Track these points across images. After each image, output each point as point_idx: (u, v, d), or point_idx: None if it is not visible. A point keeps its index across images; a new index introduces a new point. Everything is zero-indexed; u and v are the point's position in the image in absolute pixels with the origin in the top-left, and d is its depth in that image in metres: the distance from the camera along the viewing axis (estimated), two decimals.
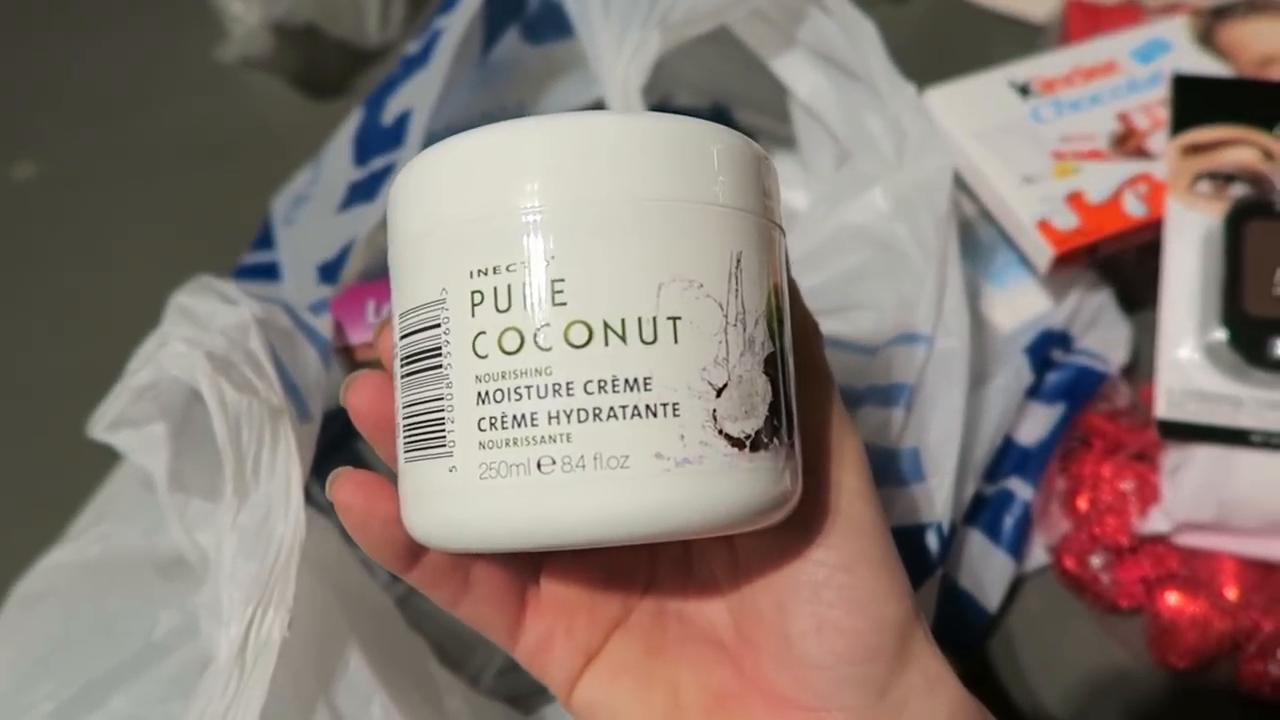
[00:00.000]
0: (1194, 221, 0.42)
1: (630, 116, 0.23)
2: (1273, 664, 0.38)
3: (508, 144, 0.22)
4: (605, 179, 0.22)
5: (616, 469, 0.21)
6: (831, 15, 0.42)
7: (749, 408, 0.22)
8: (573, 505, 0.21)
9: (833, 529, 0.25)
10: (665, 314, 0.21)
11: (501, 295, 0.22)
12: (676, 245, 0.22)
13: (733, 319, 0.22)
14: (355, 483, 0.25)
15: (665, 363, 0.21)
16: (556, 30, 0.47)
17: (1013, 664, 0.41)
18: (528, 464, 0.21)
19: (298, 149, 0.51)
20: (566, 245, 0.21)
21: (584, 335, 0.21)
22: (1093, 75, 0.48)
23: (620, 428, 0.21)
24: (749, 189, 0.23)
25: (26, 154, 0.58)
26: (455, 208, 0.22)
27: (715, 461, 0.22)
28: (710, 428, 0.21)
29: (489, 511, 0.22)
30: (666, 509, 0.21)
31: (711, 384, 0.22)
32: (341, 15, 0.57)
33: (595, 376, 0.21)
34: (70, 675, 0.34)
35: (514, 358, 0.21)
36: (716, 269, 0.22)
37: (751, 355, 0.22)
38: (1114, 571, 0.40)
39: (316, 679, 0.31)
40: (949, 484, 0.38)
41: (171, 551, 0.35)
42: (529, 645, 0.28)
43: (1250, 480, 0.39)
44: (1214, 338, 0.40)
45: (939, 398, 0.39)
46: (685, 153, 0.22)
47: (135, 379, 0.33)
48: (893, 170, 0.42)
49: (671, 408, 0.21)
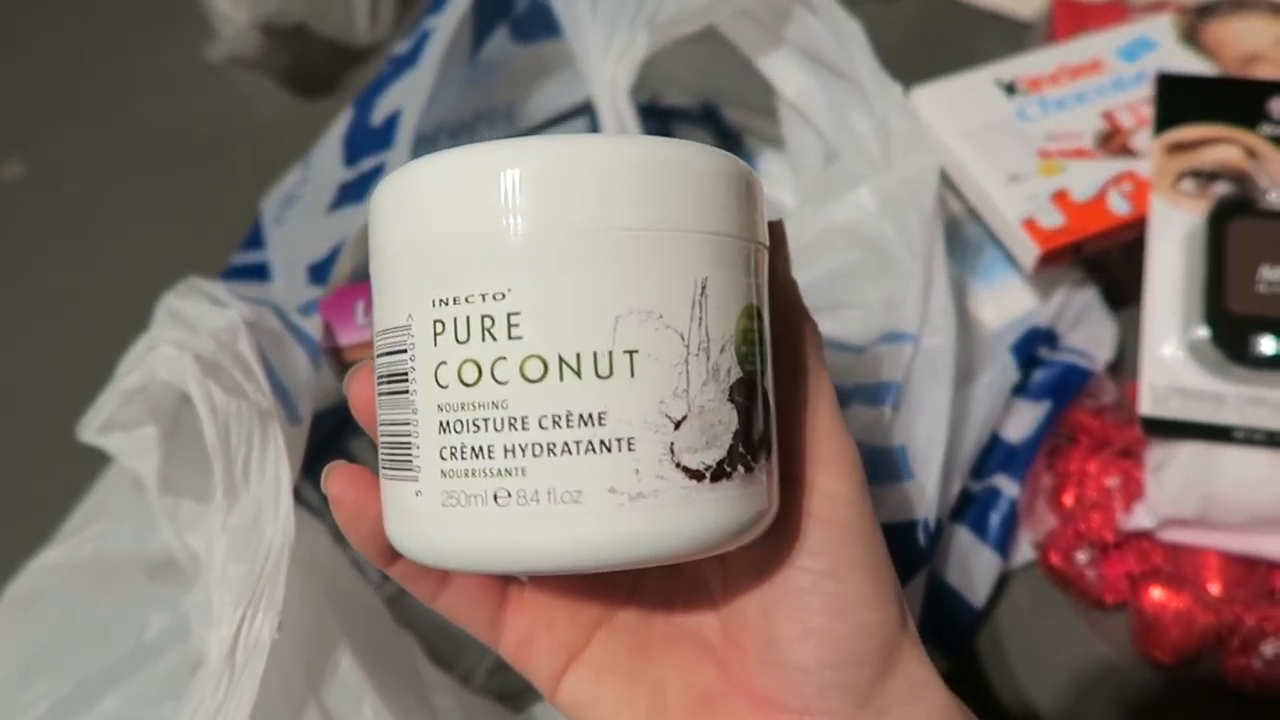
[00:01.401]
0: (1178, 219, 0.42)
1: (591, 142, 0.22)
2: (1256, 658, 0.38)
3: (471, 170, 0.22)
4: (562, 208, 0.21)
5: (570, 504, 0.21)
6: (818, 15, 0.42)
7: (710, 438, 0.22)
8: (528, 537, 0.21)
9: (821, 536, 0.25)
10: (622, 348, 0.21)
11: (461, 326, 0.22)
12: (635, 275, 0.21)
13: (695, 348, 0.22)
14: (348, 478, 0.25)
15: (621, 397, 0.21)
16: (545, 30, 0.47)
17: (999, 659, 0.41)
18: (485, 495, 0.21)
19: (287, 148, 0.51)
20: (522, 278, 0.21)
21: (539, 370, 0.21)
22: (1078, 74, 0.48)
23: (574, 463, 0.21)
24: (722, 210, 0.23)
25: (15, 154, 0.58)
26: (420, 233, 0.22)
27: (672, 494, 0.21)
28: (667, 461, 0.21)
29: (451, 538, 0.22)
30: (621, 542, 0.21)
31: (669, 417, 0.21)
32: (330, 14, 0.58)
33: (550, 411, 0.21)
34: (62, 676, 0.34)
35: (472, 389, 0.21)
36: (678, 298, 0.22)
37: (715, 384, 0.22)
38: (1099, 567, 0.41)
39: (307, 680, 0.31)
40: (936, 481, 0.38)
41: (162, 553, 0.36)
42: (511, 642, 0.28)
43: (1233, 476, 0.39)
44: (1197, 335, 0.40)
45: (926, 396, 0.39)
46: (648, 178, 0.22)
47: (125, 382, 0.33)
48: (879, 169, 0.42)
49: (627, 442, 0.21)
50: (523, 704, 0.38)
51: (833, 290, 0.43)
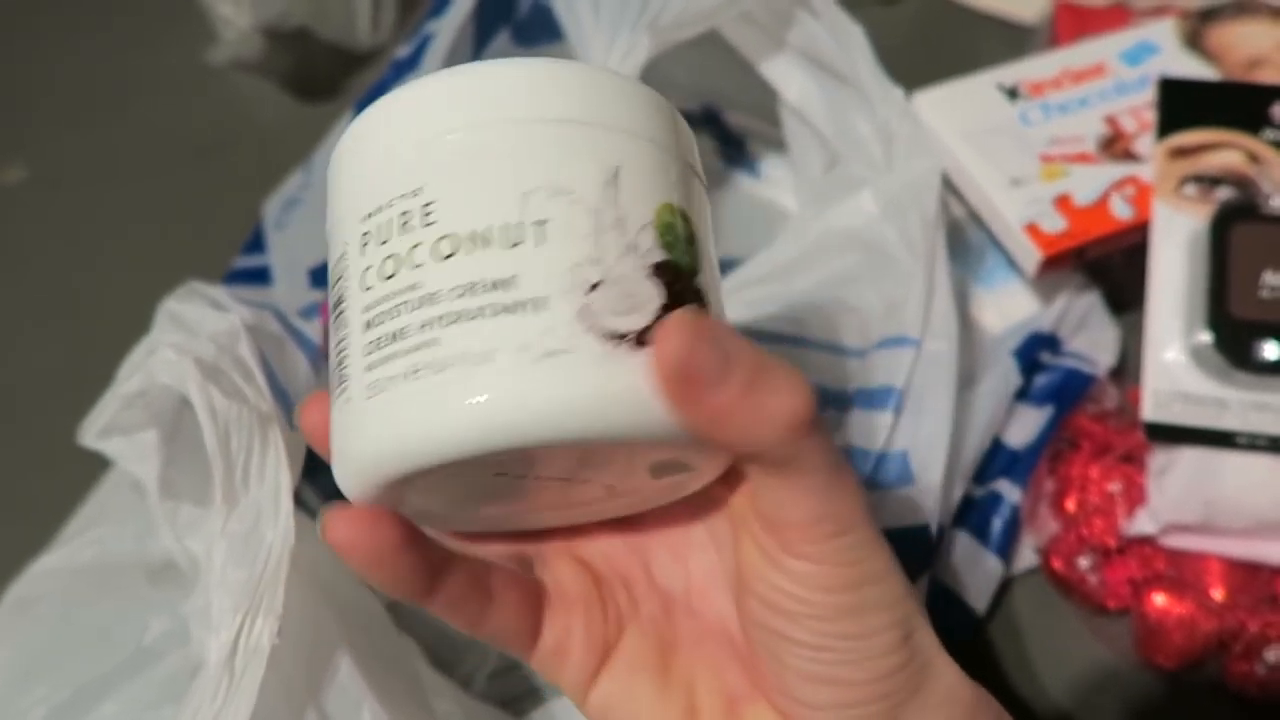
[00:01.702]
0: (1180, 224, 0.42)
1: (509, 61, 0.23)
2: (1259, 664, 0.38)
3: (393, 100, 0.23)
4: (478, 107, 0.23)
5: (482, 363, 0.21)
6: (820, 18, 0.42)
7: (630, 305, 0.22)
8: (443, 407, 0.21)
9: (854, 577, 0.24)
10: (531, 219, 0.22)
11: (383, 229, 0.22)
12: (544, 158, 0.22)
13: (609, 223, 0.22)
14: (347, 517, 0.23)
15: (532, 262, 0.21)
16: (547, 33, 0.47)
17: (1001, 664, 0.41)
18: (403, 375, 0.21)
19: (288, 152, 0.51)
20: (435, 172, 0.22)
21: (451, 247, 0.22)
22: (1081, 78, 0.48)
23: (485, 325, 0.21)
24: (639, 116, 0.24)
25: (17, 157, 0.58)
26: (350, 170, 0.24)
27: (587, 352, 0.21)
28: (582, 320, 0.21)
29: (376, 434, 0.22)
30: (538, 403, 0.21)
31: (584, 280, 0.21)
32: (332, 18, 0.58)
33: (461, 282, 0.21)
34: (61, 680, 0.34)
35: (391, 281, 0.22)
36: (589, 179, 0.22)
37: (635, 257, 0.22)
38: (1101, 572, 0.41)
39: (307, 685, 0.31)
40: (938, 486, 0.38)
41: (162, 557, 0.36)
42: (547, 647, 0.27)
43: (1236, 482, 0.39)
44: (1200, 340, 0.40)
45: (928, 400, 0.39)
46: (564, 80, 0.23)
47: (125, 386, 0.33)
48: (881, 173, 0.42)
49: (539, 302, 0.21)
50: (524, 709, 0.38)
51: (834, 294, 0.43)
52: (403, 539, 0.24)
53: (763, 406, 0.21)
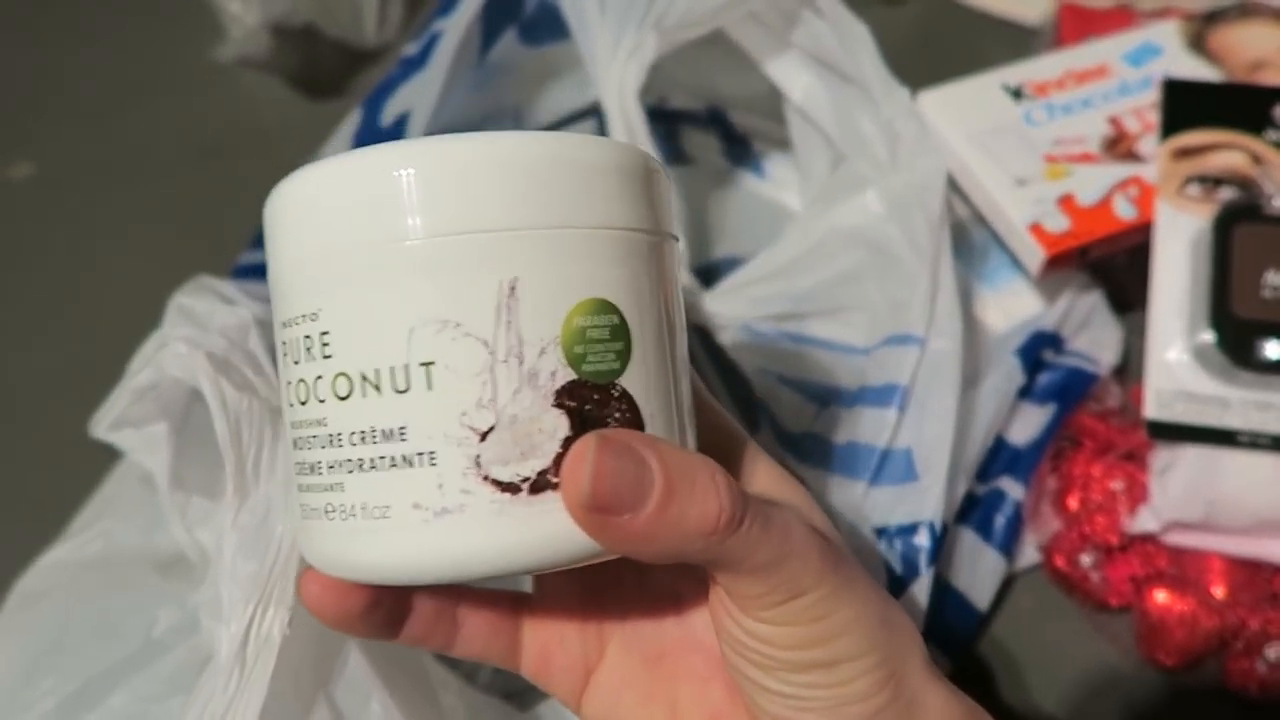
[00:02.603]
0: (1183, 224, 0.42)
1: (386, 149, 0.21)
2: (1259, 661, 0.39)
3: (287, 192, 0.22)
4: (358, 223, 0.21)
5: (380, 519, 0.21)
6: (825, 18, 0.42)
7: (527, 448, 0.21)
8: (351, 551, 0.22)
9: (819, 633, 0.23)
10: (417, 360, 0.21)
11: (293, 348, 0.22)
12: (428, 284, 0.20)
13: (503, 354, 0.21)
14: (321, 584, 0.25)
15: (419, 411, 0.21)
16: (553, 32, 0.47)
17: (1003, 661, 0.41)
18: (320, 510, 0.22)
19: (295, 149, 0.51)
20: (330, 297, 0.21)
21: (346, 387, 0.21)
22: (1085, 79, 0.48)
23: (381, 478, 0.21)
24: (526, 202, 0.21)
25: (24, 154, 0.58)
26: (270, 258, 0.23)
27: (480, 509, 0.21)
28: (473, 475, 0.21)
29: (308, 548, 0.23)
30: (426, 558, 0.21)
31: (473, 428, 0.21)
32: (339, 16, 0.58)
33: (357, 427, 0.21)
34: (71, 672, 0.34)
35: (304, 409, 0.22)
36: (479, 303, 0.20)
37: (533, 390, 0.21)
38: (1104, 570, 0.41)
39: (316, 676, 0.31)
40: (941, 483, 0.38)
41: (171, 549, 0.36)
42: (530, 664, 0.28)
43: (1237, 480, 0.39)
44: (1202, 339, 0.40)
45: (932, 398, 0.40)
46: (440, 179, 0.21)
47: (136, 379, 0.33)
48: (886, 173, 0.42)
49: (429, 457, 0.21)
50: (528, 702, 0.38)
51: (839, 293, 0.43)
52: (366, 604, 0.25)
53: (681, 521, 0.21)
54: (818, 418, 0.42)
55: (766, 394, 0.43)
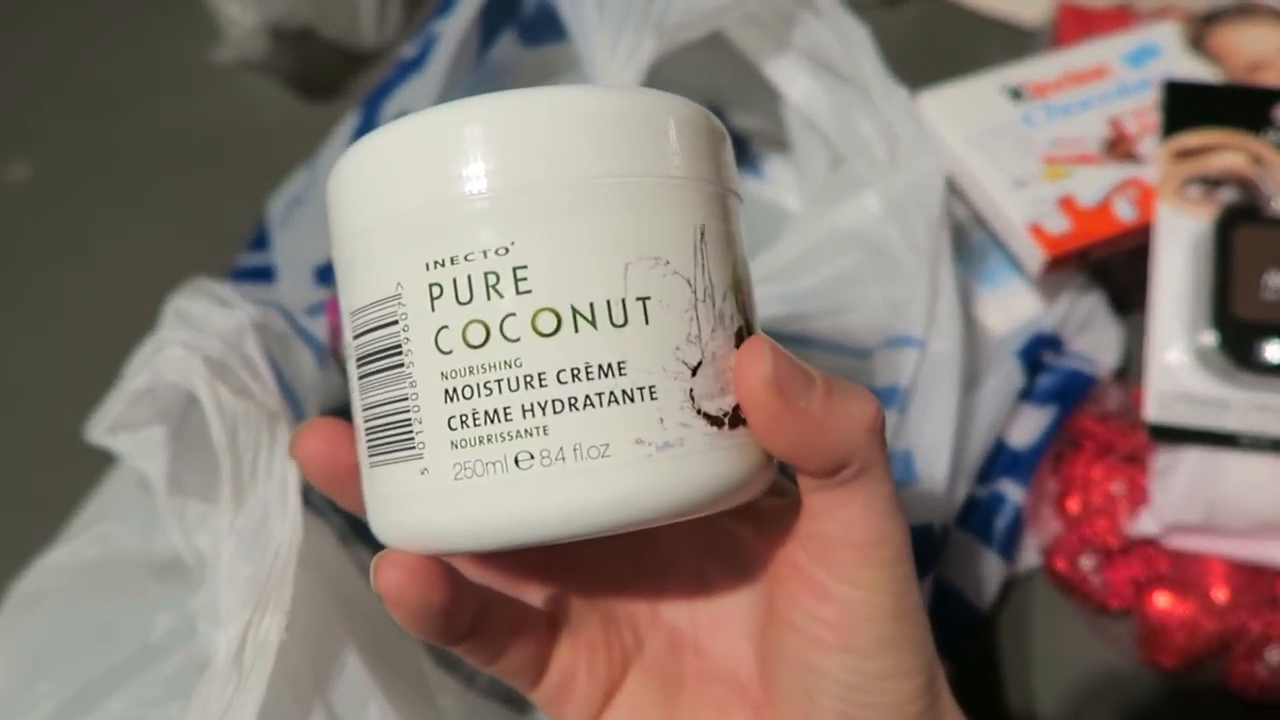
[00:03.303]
0: (1183, 226, 0.42)
1: (580, 90, 0.22)
2: (1260, 665, 0.38)
3: (450, 126, 0.21)
4: (559, 158, 0.21)
5: (597, 459, 0.20)
6: (824, 19, 0.42)
7: (724, 384, 0.22)
8: (555, 499, 0.20)
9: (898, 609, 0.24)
10: (634, 294, 0.21)
11: (462, 287, 0.21)
12: (639, 222, 0.21)
13: (701, 295, 0.22)
14: (404, 567, 0.23)
15: (638, 345, 0.21)
16: (552, 33, 0.47)
17: (1004, 664, 0.41)
18: (505, 461, 0.20)
19: (293, 151, 0.51)
20: (525, 230, 0.20)
21: (552, 323, 0.20)
22: (1084, 80, 0.48)
23: (598, 415, 0.20)
24: (706, 159, 0.23)
25: (21, 155, 0.58)
26: (402, 198, 0.21)
27: (696, 442, 0.21)
28: (689, 408, 0.21)
29: (468, 512, 0.21)
30: (650, 495, 0.21)
31: (686, 363, 0.21)
32: (337, 17, 0.58)
33: (568, 365, 0.20)
34: (68, 676, 0.34)
35: (480, 351, 0.21)
36: (682, 244, 0.21)
37: (723, 330, 0.22)
38: (1104, 573, 0.41)
39: (314, 681, 0.31)
40: (941, 486, 0.38)
41: (168, 553, 0.36)
42: (552, 685, 0.28)
43: (1238, 482, 0.39)
44: (1203, 341, 0.40)
45: (932, 400, 0.39)
46: (640, 126, 0.22)
47: (133, 383, 0.33)
48: (885, 174, 0.42)
49: (649, 390, 0.21)
50: (526, 706, 0.38)
51: (838, 294, 0.43)
52: (451, 598, 0.24)
53: (843, 411, 0.22)
54: None
55: None
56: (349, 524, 0.38)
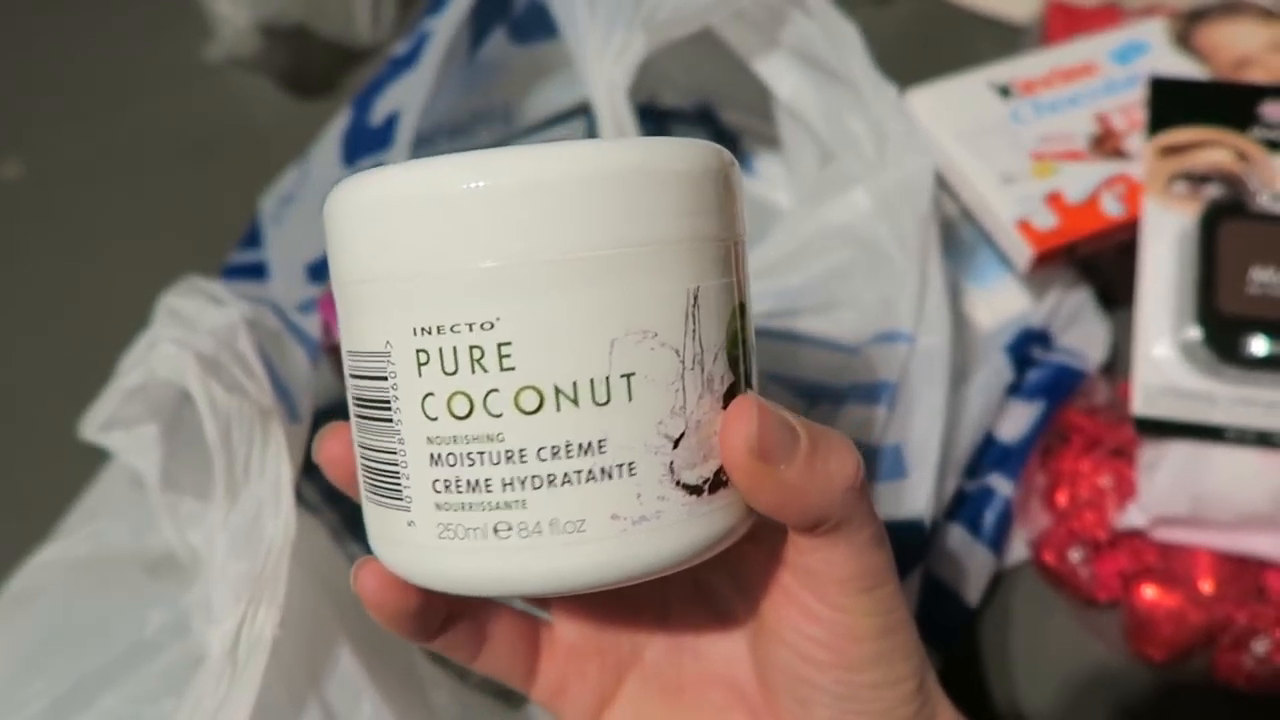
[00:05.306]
0: (1170, 221, 0.42)
1: (569, 152, 0.20)
2: (1246, 655, 0.39)
3: (440, 187, 0.20)
4: (544, 231, 0.20)
5: (573, 533, 0.21)
6: (813, 17, 0.42)
7: (707, 450, 0.22)
8: (530, 566, 0.21)
9: (888, 625, 0.25)
10: (619, 371, 0.20)
11: (448, 357, 0.20)
12: (627, 295, 0.20)
13: (690, 362, 0.21)
14: (381, 580, 0.24)
15: (620, 422, 0.21)
16: (543, 30, 0.47)
17: (993, 657, 0.41)
18: (484, 528, 0.21)
19: (285, 148, 0.51)
20: (510, 305, 0.20)
21: (535, 401, 0.20)
22: (1072, 77, 0.48)
23: (575, 492, 0.21)
24: (707, 214, 0.22)
25: (14, 153, 0.58)
26: (392, 259, 0.21)
27: (673, 514, 0.21)
28: (667, 481, 0.21)
29: (449, 568, 0.22)
30: (624, 564, 0.21)
31: (668, 436, 0.21)
32: (330, 15, 0.58)
33: (548, 443, 0.20)
34: (61, 673, 0.34)
35: (464, 422, 0.21)
36: (672, 313, 0.21)
37: (710, 395, 0.22)
38: (1092, 565, 0.41)
39: (308, 676, 0.31)
40: (930, 480, 0.38)
41: (161, 550, 0.36)
42: (544, 690, 0.28)
43: (1224, 476, 0.39)
44: (1189, 336, 0.40)
45: (921, 395, 0.40)
46: (632, 192, 0.21)
47: (126, 380, 0.33)
48: (875, 170, 0.42)
49: (628, 467, 0.21)
50: (519, 701, 0.38)
51: (827, 290, 0.43)
52: (422, 604, 0.25)
53: (825, 473, 0.22)
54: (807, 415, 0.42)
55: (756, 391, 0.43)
56: (342, 520, 0.38)
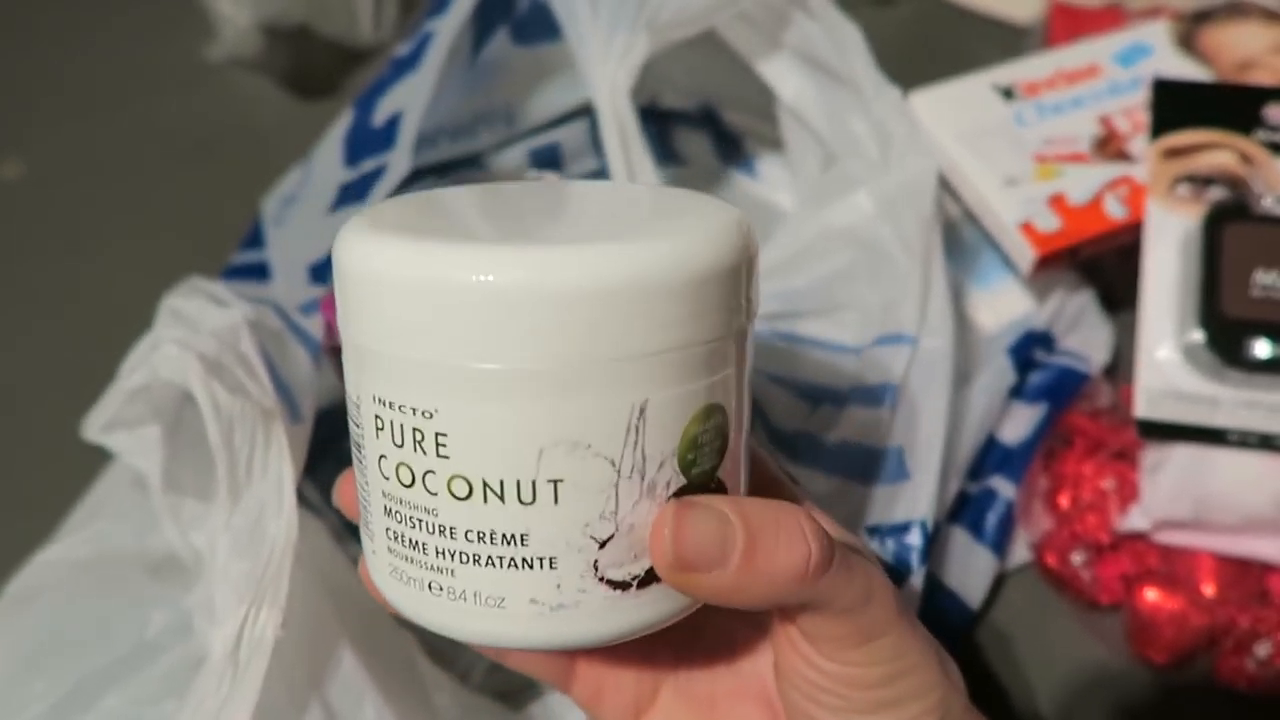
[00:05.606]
0: (1173, 224, 0.42)
1: (530, 259, 0.20)
2: (1249, 659, 0.39)
3: (401, 271, 0.21)
4: (488, 337, 0.20)
5: (494, 607, 0.22)
6: (816, 19, 0.42)
7: (639, 550, 0.22)
8: (464, 625, 0.23)
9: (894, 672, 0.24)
10: (545, 476, 0.21)
11: (397, 431, 0.22)
12: (562, 407, 0.21)
13: (628, 471, 0.21)
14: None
15: (544, 522, 0.21)
16: (545, 32, 0.47)
17: (995, 659, 0.41)
18: (421, 581, 0.23)
19: (287, 149, 0.51)
20: (448, 401, 0.21)
21: (465, 489, 0.21)
22: (1075, 79, 0.48)
23: (497, 575, 0.22)
24: (681, 323, 0.21)
25: (15, 153, 0.58)
26: (364, 325, 0.22)
27: (593, 604, 0.22)
28: (589, 576, 0.22)
29: (399, 601, 0.24)
30: (542, 640, 0.22)
31: (594, 538, 0.22)
32: (333, 16, 0.58)
33: (475, 527, 0.22)
34: (63, 674, 0.34)
35: (408, 490, 0.22)
36: (611, 426, 0.21)
37: (650, 500, 0.22)
38: (1094, 568, 0.41)
39: (310, 677, 0.31)
40: (933, 482, 0.38)
41: (163, 551, 0.36)
42: (583, 694, 0.28)
43: (1227, 479, 0.39)
44: (1192, 338, 0.40)
45: (923, 397, 0.40)
46: (587, 306, 0.20)
47: (128, 381, 0.33)
48: (878, 172, 0.42)
49: (549, 560, 0.22)
50: (521, 702, 0.38)
51: (830, 292, 0.43)
52: None
53: (770, 569, 0.22)
54: (810, 417, 0.42)
55: (758, 394, 0.43)
56: (344, 522, 0.38)
